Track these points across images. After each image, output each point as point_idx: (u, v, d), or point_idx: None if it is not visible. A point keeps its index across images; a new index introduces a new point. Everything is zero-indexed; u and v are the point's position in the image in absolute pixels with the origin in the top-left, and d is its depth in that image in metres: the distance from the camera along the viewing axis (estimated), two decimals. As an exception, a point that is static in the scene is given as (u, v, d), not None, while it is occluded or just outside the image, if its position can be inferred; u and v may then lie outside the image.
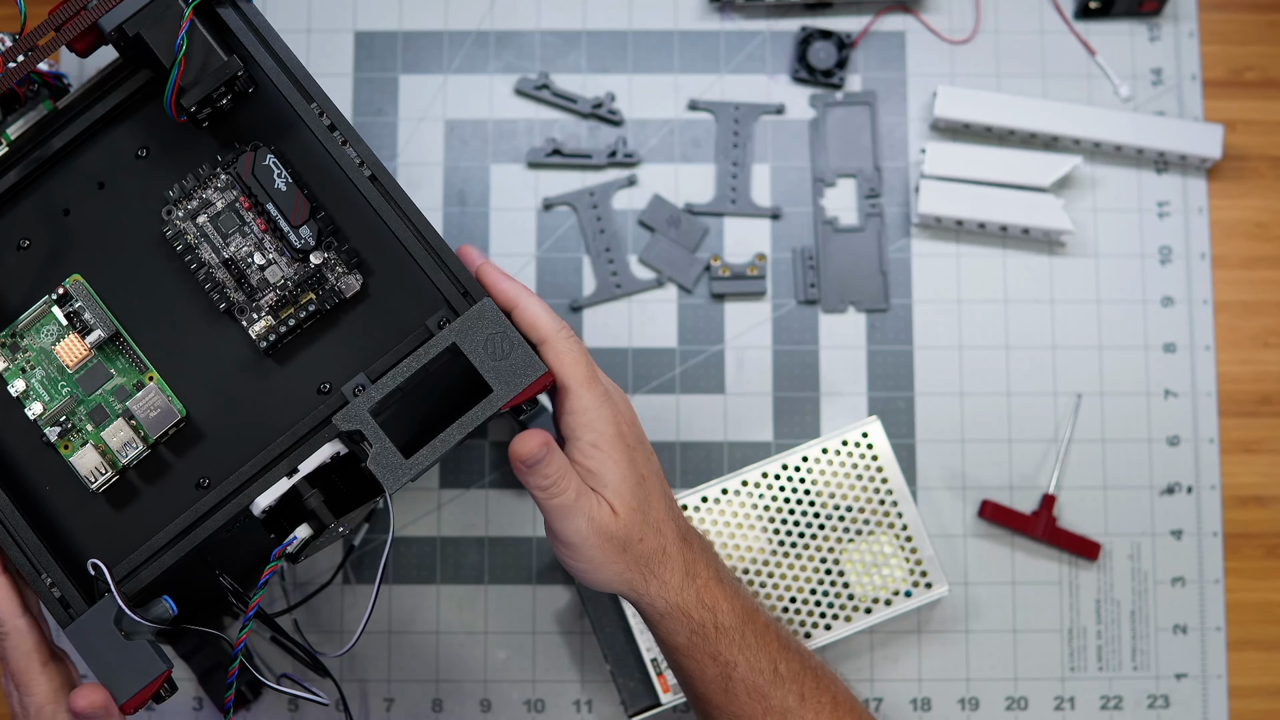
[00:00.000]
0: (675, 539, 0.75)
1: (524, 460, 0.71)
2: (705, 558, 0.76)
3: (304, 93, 0.74)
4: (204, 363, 0.75)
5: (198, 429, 0.75)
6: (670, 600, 0.75)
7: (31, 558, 0.71)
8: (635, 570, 0.74)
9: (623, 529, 0.73)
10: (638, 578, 0.74)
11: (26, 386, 0.75)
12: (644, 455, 0.75)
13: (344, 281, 0.75)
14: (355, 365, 0.75)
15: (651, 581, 0.74)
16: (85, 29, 0.73)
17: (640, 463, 0.74)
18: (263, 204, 0.75)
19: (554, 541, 0.74)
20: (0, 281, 0.76)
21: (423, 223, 0.73)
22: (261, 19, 0.75)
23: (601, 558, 0.73)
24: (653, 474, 0.75)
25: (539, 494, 0.72)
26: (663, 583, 0.74)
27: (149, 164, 0.77)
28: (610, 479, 0.73)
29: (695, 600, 0.75)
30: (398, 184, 0.73)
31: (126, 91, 0.77)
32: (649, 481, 0.74)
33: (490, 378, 0.71)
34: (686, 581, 0.75)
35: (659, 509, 0.75)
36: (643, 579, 0.74)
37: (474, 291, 0.73)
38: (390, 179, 0.73)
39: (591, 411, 0.73)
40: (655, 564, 0.74)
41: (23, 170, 0.77)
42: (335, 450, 0.73)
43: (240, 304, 0.75)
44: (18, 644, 0.71)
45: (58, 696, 0.71)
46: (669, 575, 0.75)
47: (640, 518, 0.73)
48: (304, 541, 0.72)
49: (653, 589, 0.75)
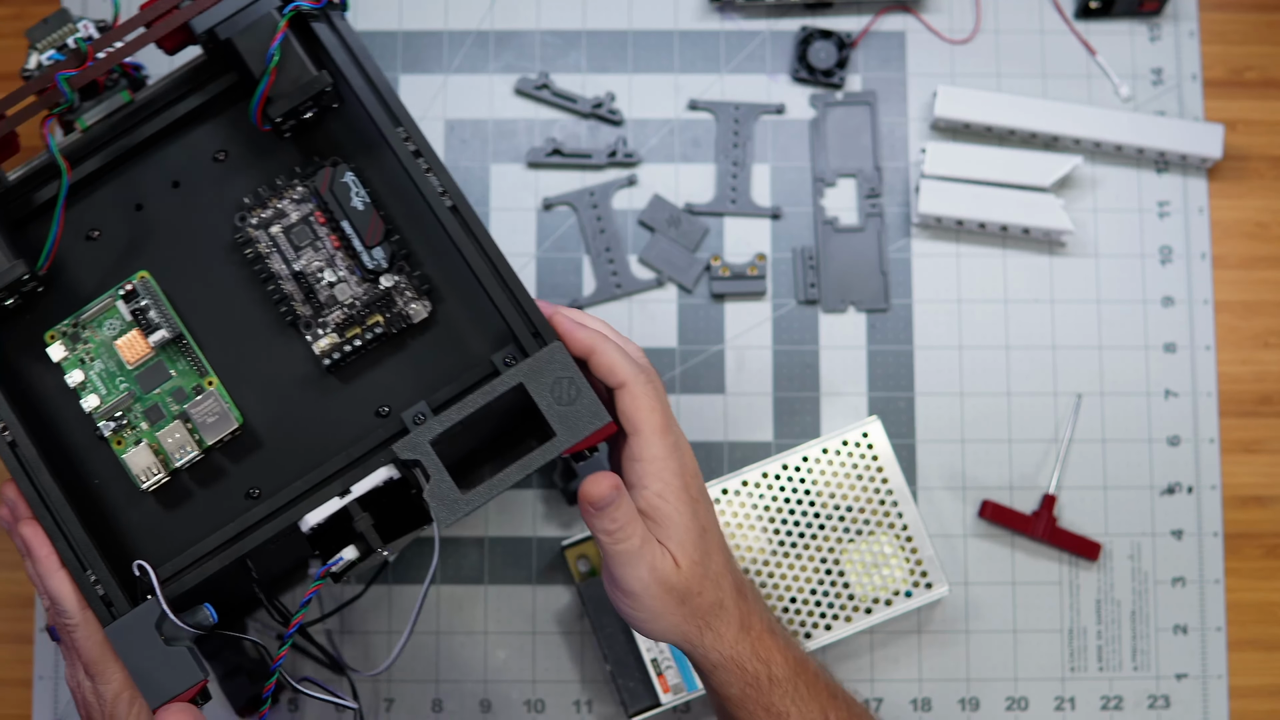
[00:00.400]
0: (732, 592, 0.75)
1: (594, 503, 0.70)
2: (759, 609, 0.76)
3: (391, 115, 0.73)
4: (264, 373, 0.75)
5: (253, 438, 0.74)
6: (725, 653, 0.74)
7: (79, 553, 0.71)
8: (692, 622, 0.74)
9: (684, 581, 0.72)
10: (694, 630, 0.74)
11: (84, 378, 0.74)
12: (706, 507, 0.74)
13: (412, 307, 0.75)
14: (416, 392, 0.74)
15: (707, 634, 0.74)
16: (176, 28, 0.73)
17: (702, 515, 0.74)
18: (338, 220, 0.74)
19: (612, 588, 0.74)
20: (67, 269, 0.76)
21: (499, 258, 0.72)
22: (355, 36, 0.74)
23: (660, 608, 0.73)
24: (713, 526, 0.75)
25: (604, 538, 0.71)
26: (718, 635, 0.74)
27: (226, 168, 0.77)
28: (674, 530, 0.72)
29: (750, 653, 0.75)
30: (477, 216, 0.73)
31: (211, 93, 0.77)
32: (710, 534, 0.74)
33: (554, 422, 0.70)
34: (741, 634, 0.75)
35: (718, 562, 0.74)
36: (698, 631, 0.74)
37: (545, 333, 0.72)
38: (470, 211, 0.73)
39: (660, 461, 0.72)
40: (712, 617, 0.74)
41: (101, 160, 0.76)
42: (389, 475, 0.72)
43: (306, 318, 0.75)
44: (90, 634, 0.70)
45: (134, 684, 0.70)
46: (725, 628, 0.74)
47: (701, 571, 0.73)
48: (349, 563, 0.72)
49: (708, 641, 0.74)
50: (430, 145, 0.73)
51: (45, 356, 0.75)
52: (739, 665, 0.74)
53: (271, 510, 0.73)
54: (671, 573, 0.72)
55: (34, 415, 0.74)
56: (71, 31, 0.78)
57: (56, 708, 0.97)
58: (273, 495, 0.73)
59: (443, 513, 0.69)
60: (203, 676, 0.70)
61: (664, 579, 0.72)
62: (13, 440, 0.71)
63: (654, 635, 0.75)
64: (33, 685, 0.97)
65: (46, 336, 0.75)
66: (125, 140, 0.76)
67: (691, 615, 0.73)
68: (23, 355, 0.75)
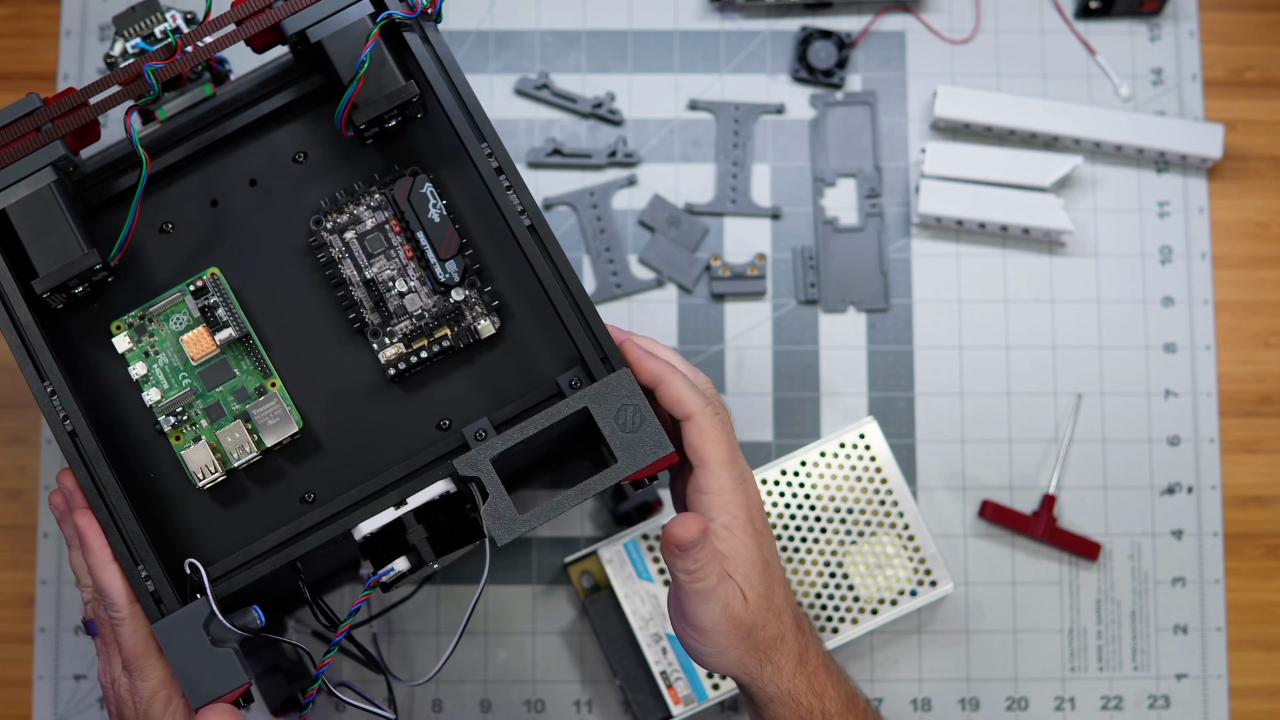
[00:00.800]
0: (792, 625, 0.75)
1: (680, 546, 0.70)
2: (815, 643, 0.77)
3: (476, 129, 0.73)
4: (328, 378, 0.75)
5: (312, 443, 0.74)
6: (782, 687, 0.75)
7: (132, 547, 0.70)
8: (754, 655, 0.74)
9: (750, 616, 0.73)
10: (754, 663, 0.74)
11: (148, 371, 0.74)
12: (769, 540, 0.74)
13: (481, 322, 0.74)
14: (479, 407, 0.74)
15: (767, 667, 0.74)
16: (267, 28, 0.73)
17: (766, 548, 0.74)
18: (413, 231, 0.74)
19: (680, 622, 0.74)
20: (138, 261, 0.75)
21: (574, 281, 0.72)
22: (445, 48, 0.74)
23: (726, 643, 0.73)
24: (775, 559, 0.75)
25: (683, 576, 0.71)
26: (777, 668, 0.74)
27: (305, 170, 0.76)
28: (740, 564, 0.72)
29: (806, 687, 0.75)
30: (554, 237, 0.72)
31: (295, 94, 0.76)
32: (772, 567, 0.74)
33: (616, 448, 0.70)
34: (799, 668, 0.75)
35: (780, 595, 0.74)
36: (759, 664, 0.74)
37: (613, 359, 0.72)
38: (549, 232, 0.72)
39: (728, 494, 0.72)
40: (773, 650, 0.74)
41: (181, 153, 0.76)
42: (446, 489, 0.72)
43: (374, 327, 0.74)
44: (135, 629, 0.70)
45: (170, 683, 0.70)
46: (783, 661, 0.74)
47: (766, 604, 0.73)
48: (400, 574, 0.72)
49: (767, 674, 0.74)
50: (513, 163, 0.73)
51: (110, 347, 0.74)
52: (795, 699, 0.75)
53: (326, 516, 0.72)
54: (740, 608, 0.72)
55: (95, 406, 0.74)
56: (159, 21, 0.77)
57: (57, 708, 0.97)
58: (328, 501, 0.73)
59: (499, 532, 0.69)
60: (247, 679, 0.69)
61: (734, 615, 0.72)
62: (73, 430, 0.71)
63: (716, 668, 0.75)
64: (33, 685, 0.97)
65: (112, 327, 0.74)
66: (206, 135, 0.76)
67: (754, 649, 0.74)
68: (87, 344, 0.75)
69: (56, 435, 0.71)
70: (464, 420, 0.74)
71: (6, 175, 0.71)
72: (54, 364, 0.71)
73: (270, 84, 0.77)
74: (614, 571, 0.93)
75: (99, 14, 1.03)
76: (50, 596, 0.98)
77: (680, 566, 0.71)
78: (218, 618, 0.69)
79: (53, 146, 0.72)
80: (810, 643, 0.76)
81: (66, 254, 0.71)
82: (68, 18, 1.04)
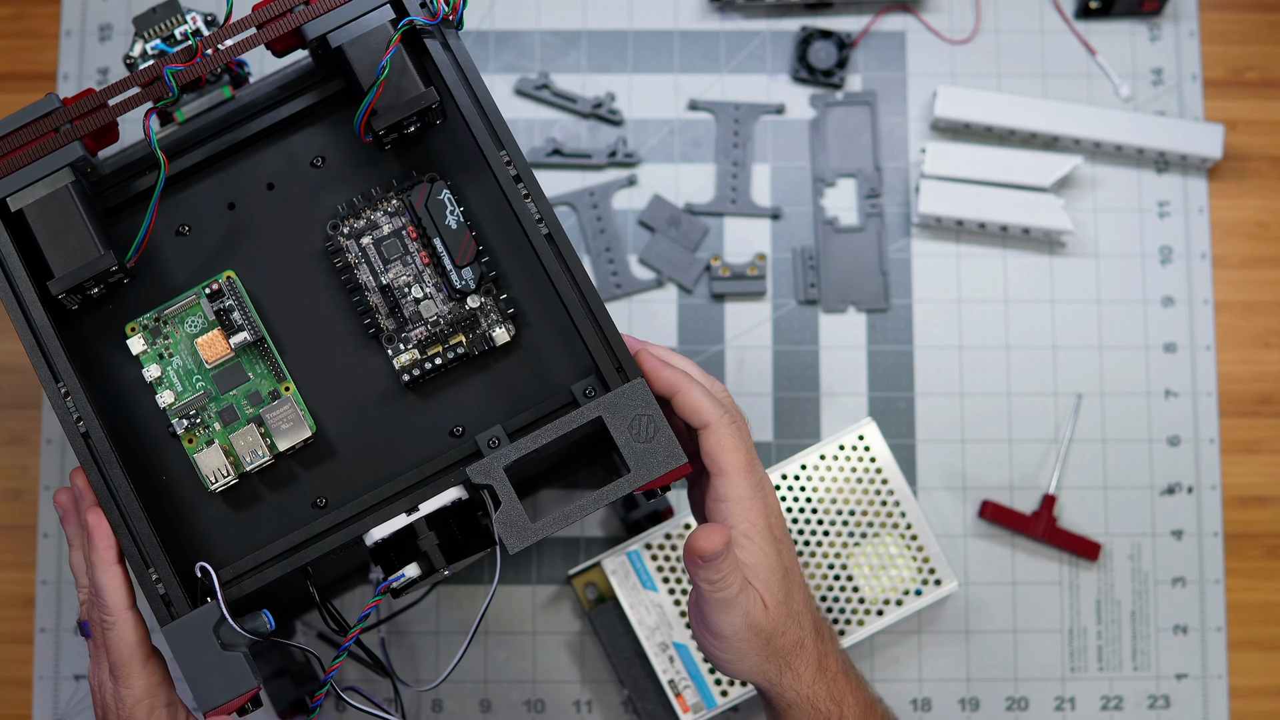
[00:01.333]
0: (812, 631, 0.75)
1: (704, 557, 0.70)
2: (835, 649, 0.77)
3: (495, 137, 0.73)
4: (342, 383, 0.74)
5: (325, 448, 0.74)
6: (802, 693, 0.75)
7: (143, 549, 0.70)
8: (774, 662, 0.74)
9: (770, 623, 0.73)
10: (774, 669, 0.74)
11: (162, 373, 0.74)
12: (787, 546, 0.75)
13: (496, 330, 0.74)
14: (493, 415, 0.74)
15: (786, 673, 0.75)
16: (288, 32, 0.73)
17: (785, 554, 0.74)
18: (430, 237, 0.74)
19: (702, 631, 0.74)
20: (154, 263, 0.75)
21: (590, 291, 0.72)
22: (465, 55, 0.74)
23: (747, 650, 0.73)
24: (794, 565, 0.75)
25: (706, 586, 0.71)
26: (796, 675, 0.75)
27: (322, 174, 0.76)
28: (760, 571, 0.72)
29: (825, 694, 0.75)
30: (572, 247, 0.72)
31: (314, 98, 0.76)
32: (791, 573, 0.74)
33: (630, 458, 0.70)
34: (818, 675, 0.75)
35: (799, 601, 0.75)
36: (778, 670, 0.74)
37: (628, 368, 0.72)
38: (566, 241, 0.72)
39: (746, 502, 0.72)
40: (793, 656, 0.74)
41: (199, 156, 0.76)
42: (458, 496, 0.72)
43: (389, 332, 0.74)
44: (125, 635, 0.70)
45: (155, 692, 0.70)
46: (803, 668, 0.75)
47: (785, 611, 0.73)
48: (410, 580, 0.72)
49: (786, 680, 0.75)
50: (531, 171, 0.73)
51: (124, 348, 0.74)
52: (814, 705, 0.75)
53: (337, 521, 0.72)
54: (761, 615, 0.72)
55: (108, 408, 0.74)
56: (180, 23, 0.77)
57: (57, 708, 0.97)
58: (340, 506, 0.73)
59: (511, 540, 0.69)
60: (257, 683, 0.69)
61: (754, 622, 0.72)
62: (86, 431, 0.70)
63: (735, 674, 0.75)
64: (33, 685, 0.97)
65: (127, 328, 0.74)
66: (225, 138, 0.76)
67: (774, 655, 0.74)
68: (102, 346, 0.75)
69: (70, 437, 0.71)
70: (477, 427, 0.74)
71: (25, 175, 0.71)
72: (68, 365, 0.71)
73: (290, 88, 0.76)
74: (619, 582, 0.93)
75: (99, 14, 1.03)
76: (50, 596, 0.98)
77: (703, 576, 0.71)
78: (228, 622, 0.68)
79: (71, 147, 0.72)
80: (830, 649, 0.76)
81: (83, 255, 0.71)
82: (68, 18, 1.04)
